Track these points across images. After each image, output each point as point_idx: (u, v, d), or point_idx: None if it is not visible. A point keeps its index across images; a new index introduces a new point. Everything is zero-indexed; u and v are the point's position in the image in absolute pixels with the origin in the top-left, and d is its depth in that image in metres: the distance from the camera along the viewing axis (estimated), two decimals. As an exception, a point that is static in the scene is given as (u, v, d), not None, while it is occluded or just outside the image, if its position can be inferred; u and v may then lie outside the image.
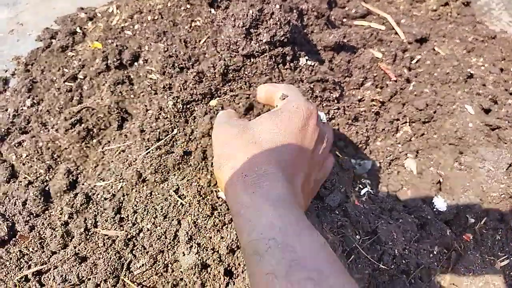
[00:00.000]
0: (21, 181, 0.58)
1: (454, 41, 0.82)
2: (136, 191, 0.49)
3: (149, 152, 0.50)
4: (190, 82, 0.56)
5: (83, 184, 0.56)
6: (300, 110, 0.40)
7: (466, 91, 0.71)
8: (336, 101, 0.63)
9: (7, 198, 0.56)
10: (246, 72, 0.57)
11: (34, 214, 0.53)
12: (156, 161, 0.49)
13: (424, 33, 0.80)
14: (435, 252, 0.57)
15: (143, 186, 0.49)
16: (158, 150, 0.50)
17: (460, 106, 0.69)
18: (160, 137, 0.51)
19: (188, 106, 0.56)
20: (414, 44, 0.79)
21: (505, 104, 0.76)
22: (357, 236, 0.55)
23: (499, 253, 0.61)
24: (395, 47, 0.74)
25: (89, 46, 0.70)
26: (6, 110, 0.67)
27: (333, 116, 0.63)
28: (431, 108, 0.68)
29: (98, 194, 0.52)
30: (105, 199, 0.50)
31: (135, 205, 0.48)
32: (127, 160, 0.52)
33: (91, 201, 0.51)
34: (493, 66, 0.80)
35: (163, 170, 0.49)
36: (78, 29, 0.75)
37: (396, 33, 0.80)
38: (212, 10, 0.67)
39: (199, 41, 0.59)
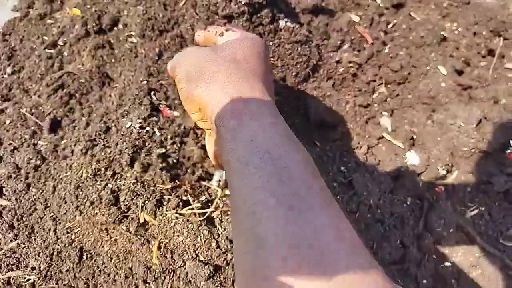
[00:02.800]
0: (6, 147, 0.59)
1: (430, 7, 0.84)
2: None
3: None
4: (169, 45, 0.57)
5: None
6: (258, 37, 0.43)
7: (439, 53, 0.74)
8: (314, 63, 0.65)
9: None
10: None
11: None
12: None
13: (401, -2, 0.82)
14: (408, 202, 0.60)
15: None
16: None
17: (434, 68, 0.71)
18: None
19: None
20: (390, 10, 0.81)
21: (478, 66, 0.79)
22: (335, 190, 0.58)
23: (469, 203, 0.65)
24: (372, 11, 0.76)
25: (68, 13, 0.69)
26: (-14, 79, 0.66)
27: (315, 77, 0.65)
28: (405, 69, 0.70)
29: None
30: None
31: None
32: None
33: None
34: (466, 30, 0.82)
35: None
36: (55, -3, 0.74)
37: (374, -2, 0.81)
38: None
39: (178, 3, 0.60)
